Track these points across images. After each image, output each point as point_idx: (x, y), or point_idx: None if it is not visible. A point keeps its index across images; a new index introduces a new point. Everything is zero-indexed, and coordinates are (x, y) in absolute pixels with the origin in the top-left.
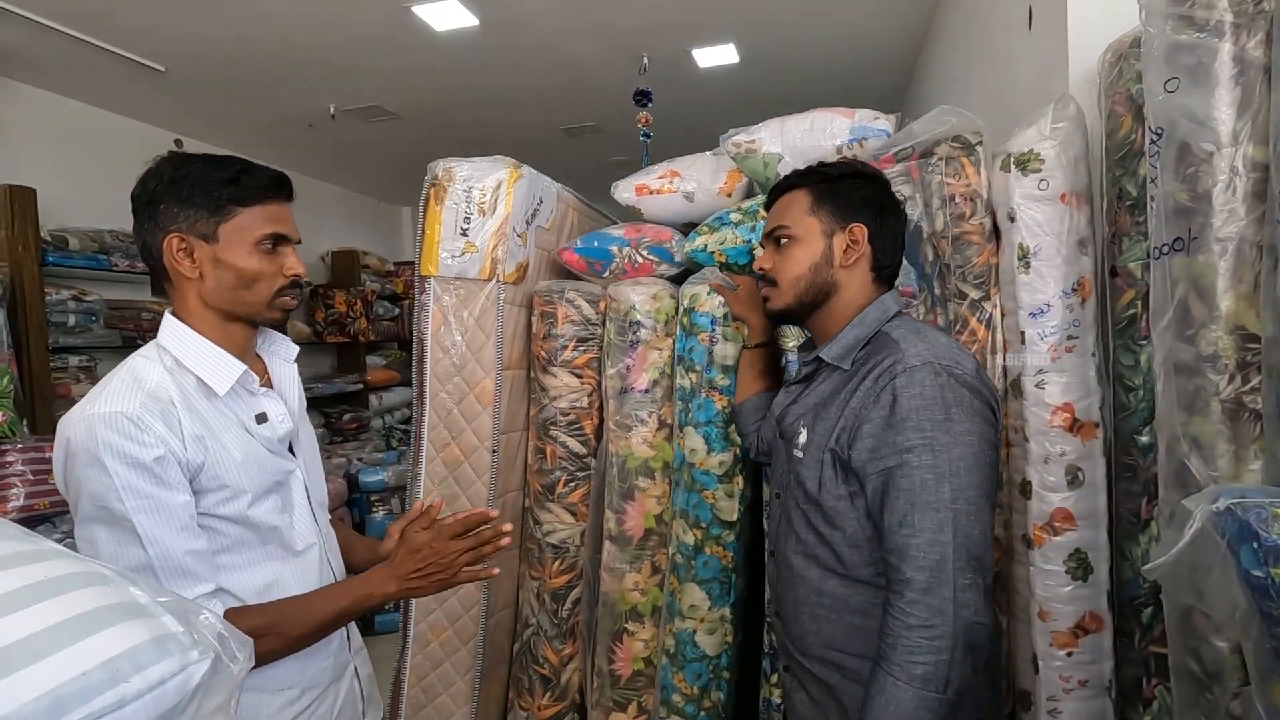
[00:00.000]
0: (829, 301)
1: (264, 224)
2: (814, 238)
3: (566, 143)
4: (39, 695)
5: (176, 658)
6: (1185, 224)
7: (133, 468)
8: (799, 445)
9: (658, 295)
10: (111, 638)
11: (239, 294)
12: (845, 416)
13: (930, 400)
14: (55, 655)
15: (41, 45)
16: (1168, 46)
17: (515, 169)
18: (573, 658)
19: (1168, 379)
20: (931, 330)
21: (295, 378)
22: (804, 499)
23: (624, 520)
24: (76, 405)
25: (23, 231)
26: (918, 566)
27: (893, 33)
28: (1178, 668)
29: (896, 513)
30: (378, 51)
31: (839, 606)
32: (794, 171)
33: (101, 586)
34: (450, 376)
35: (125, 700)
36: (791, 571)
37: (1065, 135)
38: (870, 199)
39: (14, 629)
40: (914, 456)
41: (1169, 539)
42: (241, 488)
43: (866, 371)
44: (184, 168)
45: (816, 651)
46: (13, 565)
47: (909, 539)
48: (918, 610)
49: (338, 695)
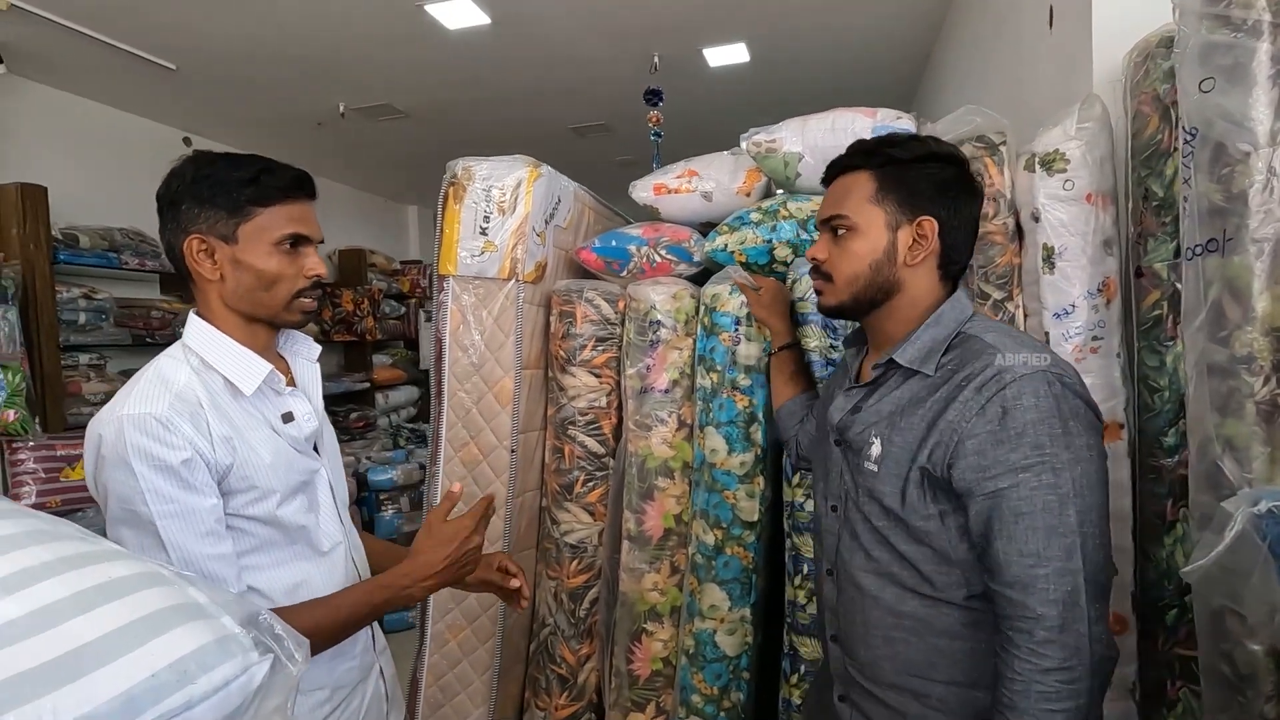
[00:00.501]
0: (889, 301)
1: (284, 224)
2: (876, 230)
3: (574, 142)
4: (113, 697)
5: (239, 659)
6: (1220, 224)
7: (159, 471)
8: (871, 458)
9: (678, 295)
10: (177, 639)
11: (258, 295)
12: (940, 431)
13: (1046, 413)
14: (126, 657)
15: (53, 43)
16: (1203, 46)
17: (535, 168)
18: (590, 658)
19: (1200, 380)
20: (1019, 331)
21: (318, 377)
22: (878, 514)
23: (643, 520)
24: (106, 406)
25: (34, 230)
26: (1048, 601)
27: (904, 32)
28: (1208, 670)
29: (1015, 540)
30: (389, 50)
31: (920, 629)
32: (856, 146)
33: (163, 587)
34: (469, 375)
35: (193, 702)
36: (860, 592)
37: (1091, 135)
38: (945, 186)
39: (85, 630)
40: (1032, 476)
41: (1207, 541)
42: (270, 488)
43: (963, 380)
44: (206, 168)
45: (891, 678)
46: (77, 566)
47: (1033, 570)
48: (1052, 651)
49: (364, 696)
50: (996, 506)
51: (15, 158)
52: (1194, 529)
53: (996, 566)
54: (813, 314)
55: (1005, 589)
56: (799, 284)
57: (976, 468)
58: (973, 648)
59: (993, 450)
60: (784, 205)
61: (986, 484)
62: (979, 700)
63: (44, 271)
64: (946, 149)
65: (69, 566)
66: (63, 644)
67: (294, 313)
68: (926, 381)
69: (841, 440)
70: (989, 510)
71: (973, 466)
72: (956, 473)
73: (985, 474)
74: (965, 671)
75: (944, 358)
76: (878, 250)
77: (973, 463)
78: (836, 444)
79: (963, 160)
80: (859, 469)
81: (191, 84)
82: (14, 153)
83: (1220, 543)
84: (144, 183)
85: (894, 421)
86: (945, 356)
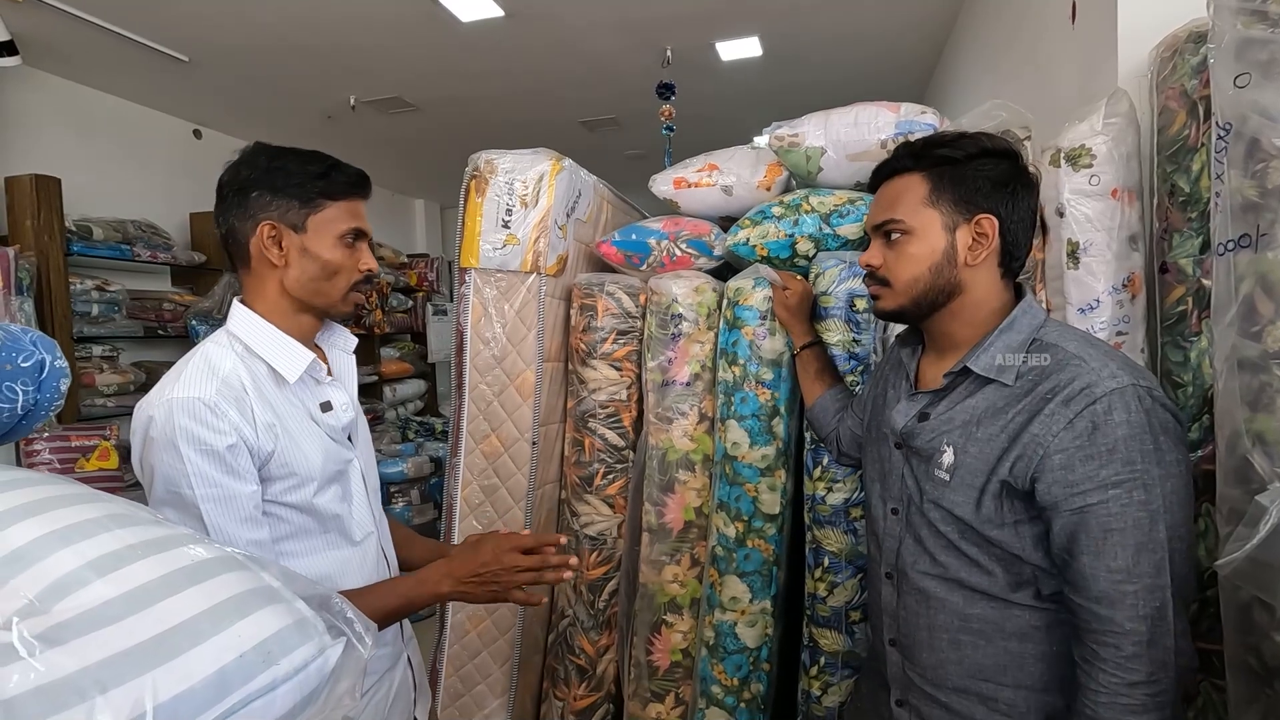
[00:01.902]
0: (950, 303)
1: (348, 219)
2: (933, 233)
3: (583, 135)
4: (206, 676)
5: (315, 641)
6: (1253, 220)
7: (205, 455)
8: (943, 466)
9: (700, 288)
10: (259, 621)
11: (320, 285)
12: (1024, 444)
13: (1138, 429)
14: (215, 637)
15: (68, 35)
16: (1238, 41)
17: (557, 161)
18: (609, 649)
19: (1230, 375)
20: (1097, 339)
21: (354, 368)
22: (945, 520)
23: (664, 513)
24: (154, 388)
25: (49, 220)
26: (1138, 616)
27: (917, 28)
28: (1234, 663)
29: (1104, 556)
30: (402, 42)
31: (990, 632)
32: (904, 149)
33: (240, 572)
34: (490, 368)
35: (277, 682)
36: (924, 596)
37: (1118, 130)
38: (1002, 182)
39: (177, 611)
40: (1122, 493)
41: (1240, 535)
42: (308, 475)
43: (1048, 392)
44: (279, 159)
45: (957, 682)
46: (160, 549)
47: (1121, 585)
48: (1139, 665)
49: (392, 683)
50: (1084, 522)
51: (29, 148)
52: (1221, 523)
53: (1082, 581)
54: (835, 308)
55: (1091, 603)
56: (821, 279)
57: (1064, 483)
58: (1044, 651)
59: (1081, 465)
60: (806, 199)
61: (1075, 499)
62: (1050, 704)
63: (58, 263)
64: (1000, 144)
65: (153, 550)
66: (157, 624)
67: (348, 304)
68: (1005, 391)
69: (905, 445)
70: (1075, 525)
71: (1059, 481)
72: (1041, 487)
73: (1073, 489)
74: (1035, 676)
75: (1023, 366)
76: (936, 252)
77: (1059, 477)
78: (897, 447)
79: (1016, 154)
80: (927, 476)
81: (203, 76)
82: (28, 143)
83: (1254, 536)
84: (155, 174)
85: (969, 431)
86: (1024, 365)
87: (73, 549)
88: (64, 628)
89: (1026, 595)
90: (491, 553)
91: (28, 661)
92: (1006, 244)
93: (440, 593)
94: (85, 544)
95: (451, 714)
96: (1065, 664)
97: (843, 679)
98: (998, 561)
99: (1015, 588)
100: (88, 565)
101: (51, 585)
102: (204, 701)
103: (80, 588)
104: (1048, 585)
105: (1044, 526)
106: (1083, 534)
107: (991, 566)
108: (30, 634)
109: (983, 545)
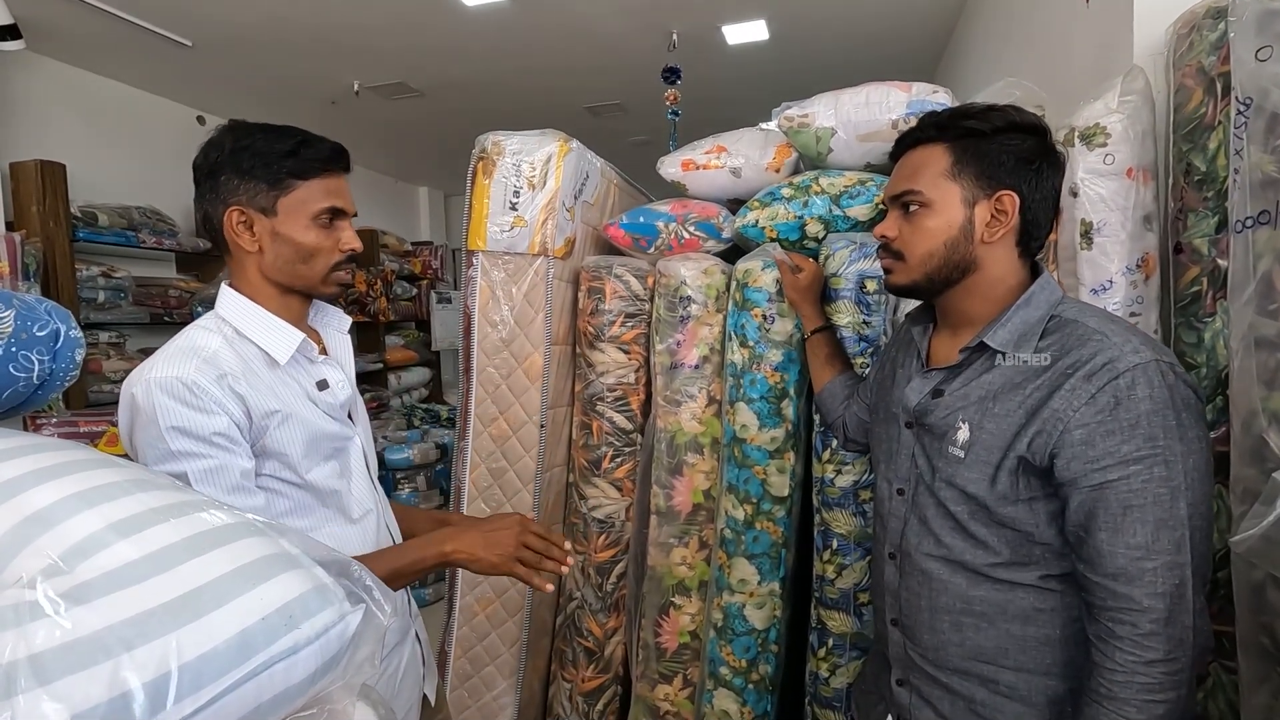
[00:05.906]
0: (965, 279)
1: (322, 198)
2: (951, 206)
3: (588, 121)
4: (229, 637)
5: (335, 607)
6: (1273, 196)
7: (184, 432)
8: (957, 443)
9: (708, 270)
10: (280, 585)
11: (296, 268)
12: (1044, 419)
13: (1161, 404)
14: (238, 600)
15: (71, 19)
16: (1261, 14)
17: (565, 142)
18: (617, 631)
19: (1246, 353)
20: (1117, 315)
21: (349, 347)
22: (956, 499)
23: (672, 496)
24: (137, 368)
25: (54, 207)
26: (1156, 594)
27: (925, 9)
28: (1246, 643)
29: (1123, 532)
30: (407, 27)
31: (993, 614)
32: (929, 119)
33: (259, 537)
34: (498, 351)
35: (299, 646)
36: (927, 577)
37: (1133, 109)
38: (1027, 158)
39: (200, 573)
40: (1143, 469)
41: (1257, 513)
42: (304, 453)
43: (1069, 367)
44: (245, 138)
45: (958, 664)
46: (180, 513)
47: (1140, 562)
48: (1157, 644)
49: (401, 658)
50: (1103, 498)
51: (34, 134)
52: (1235, 503)
53: (1098, 557)
54: (845, 290)
55: (1108, 580)
56: (832, 260)
57: (1084, 458)
58: (1048, 635)
59: (1103, 441)
60: (816, 181)
61: (1095, 475)
62: (1051, 688)
63: (64, 249)
64: (1029, 118)
65: (174, 513)
66: (180, 585)
67: (330, 285)
68: (1023, 367)
69: (917, 424)
70: (1093, 501)
71: (1080, 456)
72: (1060, 462)
73: (1094, 464)
74: (1037, 659)
75: (1041, 341)
76: (953, 227)
77: (1080, 452)
78: (908, 426)
79: (1046, 130)
80: (940, 453)
81: (207, 61)
82: (32, 129)
83: (1270, 513)
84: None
85: (985, 407)
86: (1042, 340)
87: (96, 511)
88: (88, 587)
89: (1031, 577)
90: (503, 519)
91: (54, 619)
92: (1026, 222)
93: (445, 550)
94: (108, 506)
95: (460, 695)
96: (1068, 648)
97: (850, 660)
98: (1005, 543)
99: (1021, 570)
100: (110, 527)
101: (75, 546)
102: (227, 662)
103: (103, 549)
104: (1055, 566)
105: (1059, 503)
106: (1102, 510)
107: (999, 547)
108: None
109: (992, 525)
